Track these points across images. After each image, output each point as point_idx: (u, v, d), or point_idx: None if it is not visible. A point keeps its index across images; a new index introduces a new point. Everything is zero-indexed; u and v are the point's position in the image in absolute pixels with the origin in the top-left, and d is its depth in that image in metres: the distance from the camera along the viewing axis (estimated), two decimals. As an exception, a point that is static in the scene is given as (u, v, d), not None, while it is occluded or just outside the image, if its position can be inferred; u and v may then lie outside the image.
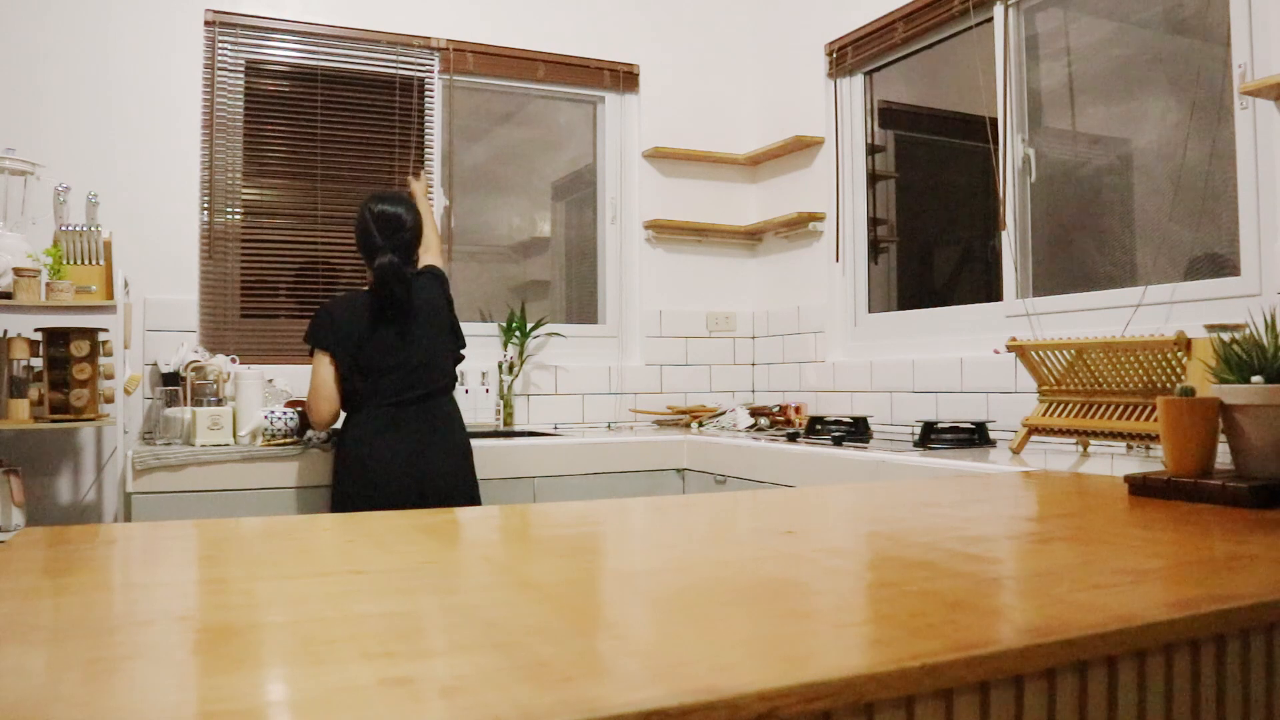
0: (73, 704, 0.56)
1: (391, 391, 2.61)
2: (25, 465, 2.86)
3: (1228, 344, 1.46)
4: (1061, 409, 2.13)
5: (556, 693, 0.57)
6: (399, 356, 2.64)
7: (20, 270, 2.59)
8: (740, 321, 4.15)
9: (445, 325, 2.76)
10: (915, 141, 3.77)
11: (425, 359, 2.67)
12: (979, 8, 3.07)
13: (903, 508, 1.41)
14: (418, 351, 2.66)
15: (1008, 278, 2.99)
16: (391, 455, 2.56)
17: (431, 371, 2.67)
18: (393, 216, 2.70)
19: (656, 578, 0.94)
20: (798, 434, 3.02)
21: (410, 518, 1.34)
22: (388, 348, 2.63)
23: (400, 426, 2.60)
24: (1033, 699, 0.70)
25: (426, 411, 2.64)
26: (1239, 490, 1.35)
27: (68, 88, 3.11)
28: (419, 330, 2.67)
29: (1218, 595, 0.82)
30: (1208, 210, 2.46)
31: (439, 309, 2.75)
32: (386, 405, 2.61)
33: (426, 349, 2.67)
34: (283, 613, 0.78)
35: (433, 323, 2.71)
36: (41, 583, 0.90)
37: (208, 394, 2.95)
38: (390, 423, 2.59)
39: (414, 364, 2.65)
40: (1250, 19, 2.29)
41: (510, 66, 3.77)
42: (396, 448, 2.57)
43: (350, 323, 2.63)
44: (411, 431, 2.60)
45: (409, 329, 2.66)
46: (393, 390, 2.62)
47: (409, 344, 2.65)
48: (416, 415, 2.62)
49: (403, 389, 2.62)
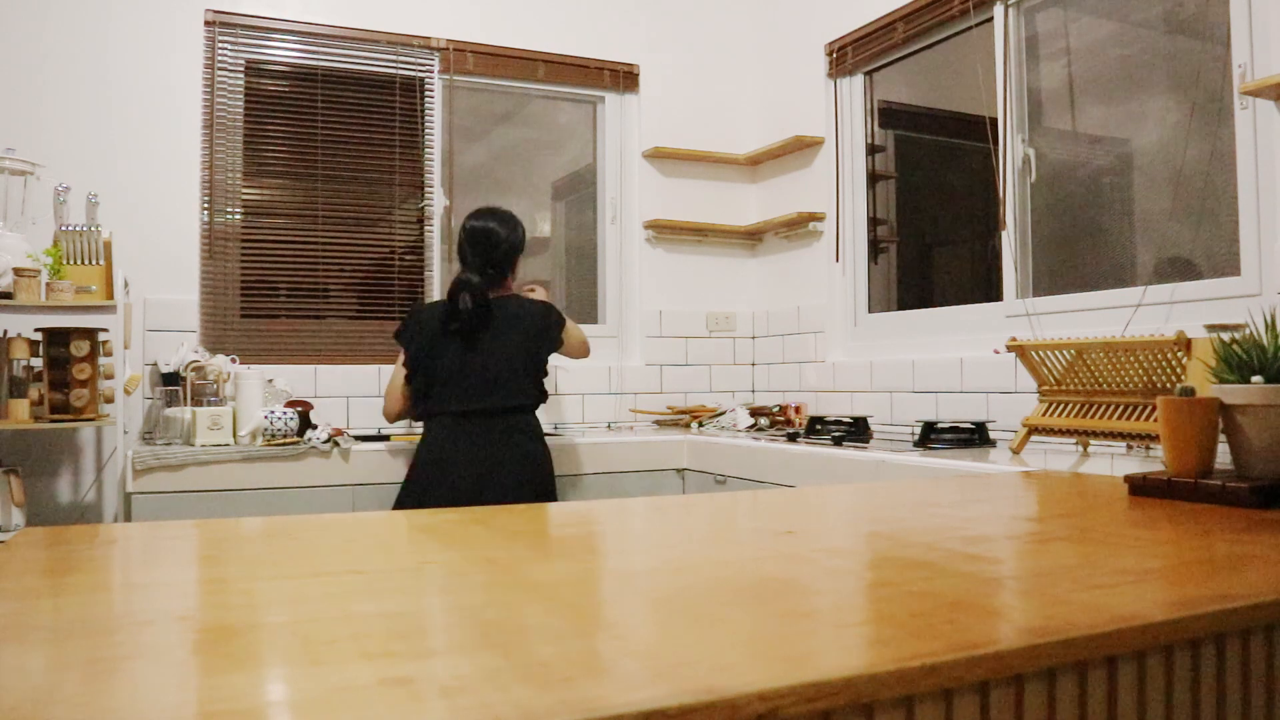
0: (73, 704, 0.56)
1: (456, 401, 2.62)
2: (25, 465, 2.86)
3: (1228, 344, 1.46)
4: (1061, 409, 2.13)
5: (556, 693, 0.57)
6: (461, 365, 2.63)
7: (20, 270, 2.59)
8: (740, 321, 4.15)
9: (526, 352, 2.67)
10: (915, 141, 3.77)
11: (495, 375, 2.62)
12: (979, 8, 3.07)
13: (903, 508, 1.41)
14: (489, 367, 2.62)
15: (1008, 278, 2.99)
16: (456, 468, 2.55)
17: (500, 388, 2.63)
18: (484, 232, 2.72)
19: (656, 578, 0.94)
20: (798, 434, 3.02)
21: (410, 518, 1.34)
22: (455, 358, 2.63)
23: (462, 441, 2.58)
24: (1033, 699, 0.70)
25: (491, 429, 2.60)
26: (1239, 490, 1.35)
27: (68, 88, 3.11)
28: (495, 347, 2.64)
29: (1218, 595, 0.82)
30: (1208, 210, 2.45)
31: (526, 335, 2.68)
32: (451, 415, 2.62)
33: (497, 366, 2.63)
34: (283, 613, 0.78)
35: (514, 343, 2.66)
36: (41, 583, 0.90)
37: (208, 394, 2.95)
38: (454, 432, 2.59)
39: (481, 378, 2.62)
40: (1250, 19, 2.29)
41: (510, 66, 3.77)
42: (459, 462, 2.55)
43: (427, 324, 2.68)
44: (475, 448, 2.57)
45: (480, 344, 2.63)
46: (457, 400, 2.62)
47: (479, 358, 2.63)
48: (480, 431, 2.59)
49: (468, 400, 2.61)
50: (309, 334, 3.45)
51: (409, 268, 3.62)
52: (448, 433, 2.60)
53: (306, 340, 3.44)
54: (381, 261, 3.59)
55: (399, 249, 3.62)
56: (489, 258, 2.71)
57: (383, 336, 3.54)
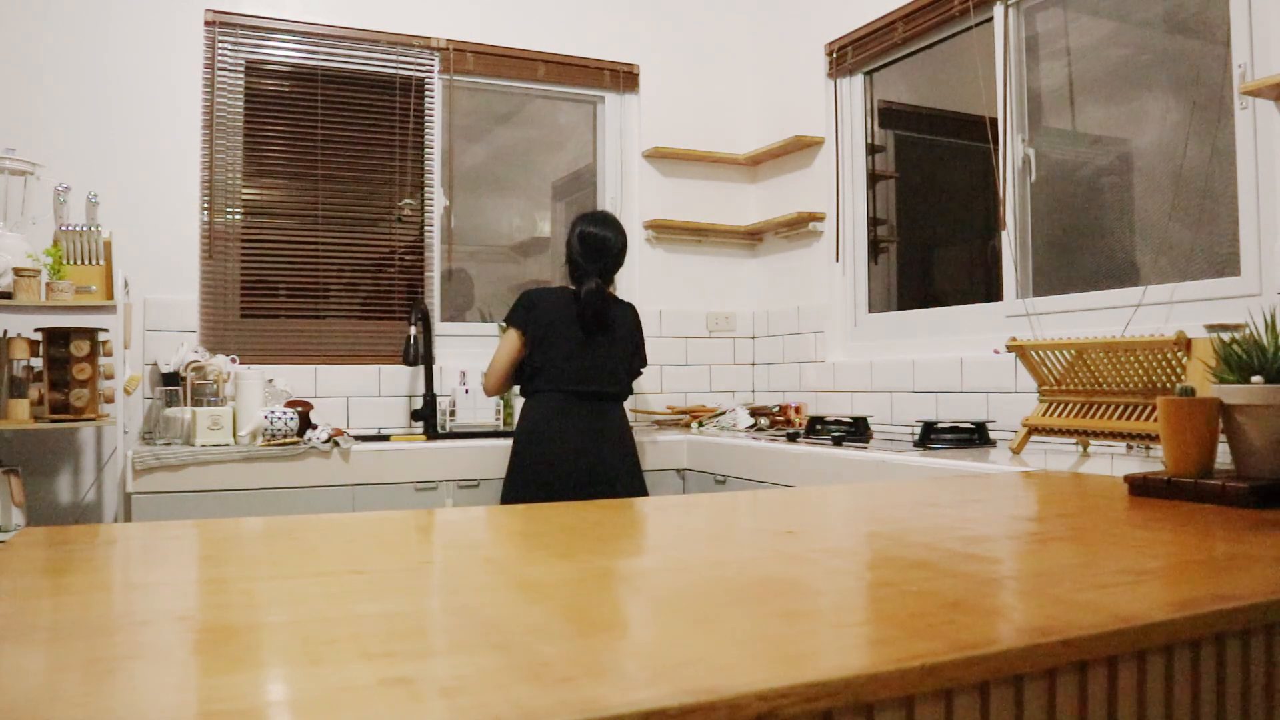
0: (73, 704, 0.56)
1: (567, 381, 2.82)
2: (25, 465, 2.86)
3: (1228, 344, 1.46)
4: (1061, 409, 2.13)
5: (556, 693, 0.57)
6: (580, 352, 2.85)
7: (20, 270, 2.59)
8: (740, 321, 4.15)
9: (630, 346, 2.97)
10: (915, 141, 3.76)
11: (603, 363, 2.87)
12: (979, 8, 3.07)
13: (903, 508, 1.41)
14: (598, 355, 2.87)
15: (1008, 278, 2.99)
16: (565, 438, 2.77)
17: (606, 375, 2.87)
18: (600, 240, 2.90)
19: (656, 578, 0.94)
20: (798, 434, 3.02)
21: (409, 518, 1.34)
22: (573, 342, 2.85)
23: (571, 415, 2.80)
24: (1033, 699, 0.70)
25: (598, 409, 2.84)
26: (1239, 490, 1.35)
27: (68, 88, 3.11)
28: (605, 339, 2.89)
29: (1218, 595, 0.82)
30: (1208, 210, 2.46)
31: (630, 332, 2.97)
32: (561, 392, 2.82)
33: (605, 356, 2.88)
34: (283, 613, 0.78)
35: (620, 339, 2.92)
36: (41, 583, 0.90)
37: (208, 394, 2.95)
38: (563, 409, 2.81)
39: (592, 364, 2.85)
40: (1250, 19, 2.29)
41: (510, 66, 3.77)
42: (569, 432, 2.78)
43: (548, 311, 2.86)
44: (583, 421, 2.80)
45: (596, 336, 2.87)
46: (568, 380, 2.82)
47: (592, 347, 2.86)
48: (588, 409, 2.82)
49: (578, 381, 2.83)
50: (309, 334, 3.45)
51: (409, 268, 3.62)
52: (557, 407, 2.81)
53: (306, 340, 3.44)
54: (381, 261, 3.59)
55: (399, 249, 3.62)
56: (606, 264, 2.91)
57: (383, 336, 3.54)
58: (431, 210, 3.65)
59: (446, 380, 3.55)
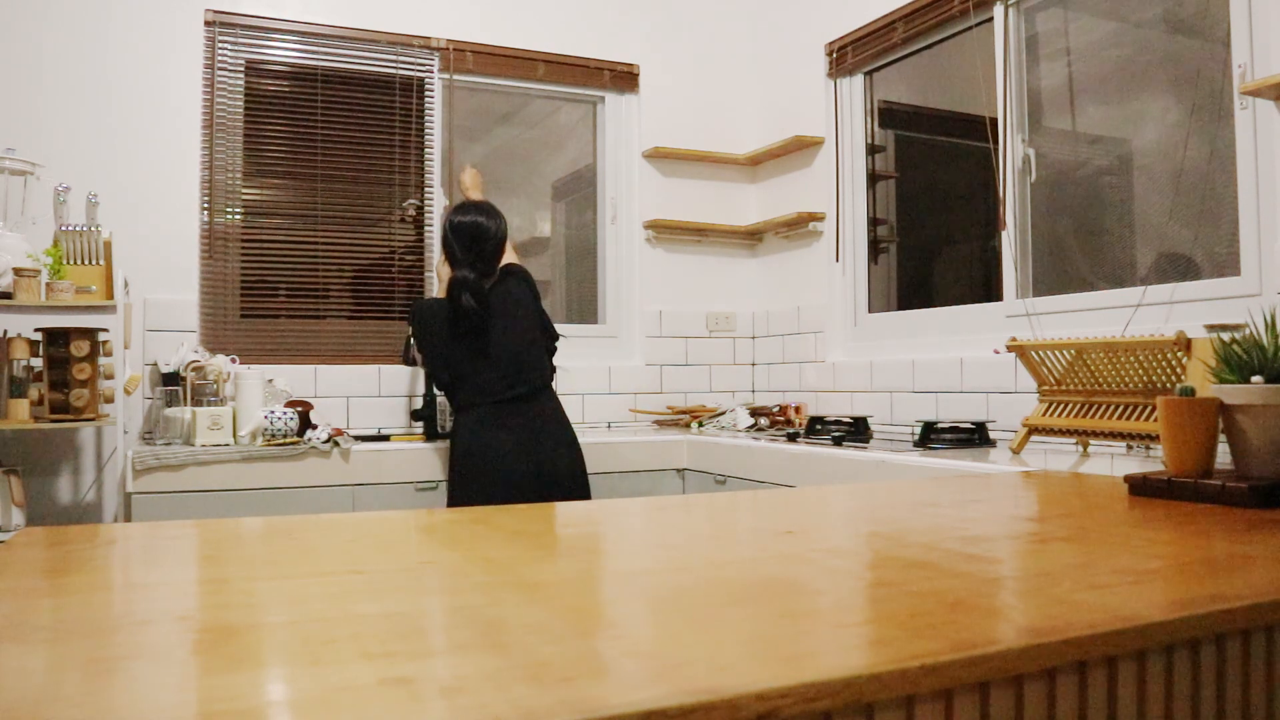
0: (73, 704, 0.56)
1: (490, 392, 2.70)
2: (25, 465, 2.86)
3: (1228, 344, 1.46)
4: (1061, 409, 2.13)
5: (556, 693, 0.57)
6: (488, 360, 2.71)
7: (20, 270, 2.59)
8: (740, 321, 4.15)
9: (535, 322, 2.80)
10: (915, 141, 3.76)
11: (516, 358, 2.73)
12: (979, 8, 3.07)
13: (903, 508, 1.41)
14: (507, 352, 2.72)
15: (1008, 278, 2.99)
16: (503, 448, 2.65)
17: (526, 370, 2.74)
18: (471, 226, 2.75)
19: (656, 578, 0.94)
20: (798, 434, 3.02)
21: (409, 518, 1.34)
22: (475, 353, 2.71)
23: (506, 423, 2.68)
24: (1033, 699, 0.70)
25: (530, 408, 2.72)
26: (1239, 490, 1.35)
27: (68, 88, 3.11)
28: (506, 331, 2.73)
29: (1218, 595, 0.82)
30: (1208, 210, 2.46)
31: (526, 306, 2.79)
32: (489, 404, 2.70)
33: (515, 349, 2.73)
34: (283, 613, 0.78)
35: (521, 321, 2.76)
36: (41, 583, 0.90)
37: (208, 394, 2.95)
38: (495, 421, 2.68)
39: (506, 365, 2.72)
40: (1250, 19, 2.29)
41: (510, 66, 3.77)
42: (506, 441, 2.65)
43: (434, 328, 2.75)
44: (518, 427, 2.68)
45: (493, 333, 2.72)
46: (491, 390, 2.70)
47: (497, 347, 2.72)
48: (521, 412, 2.70)
49: (502, 389, 2.71)
50: (309, 334, 3.45)
51: (409, 268, 3.62)
52: (484, 419, 2.68)
53: (306, 340, 3.44)
54: (381, 261, 3.59)
55: (399, 249, 3.62)
56: (480, 252, 2.75)
57: (382, 336, 3.54)
58: (431, 210, 3.65)
59: (446, 380, 3.55)
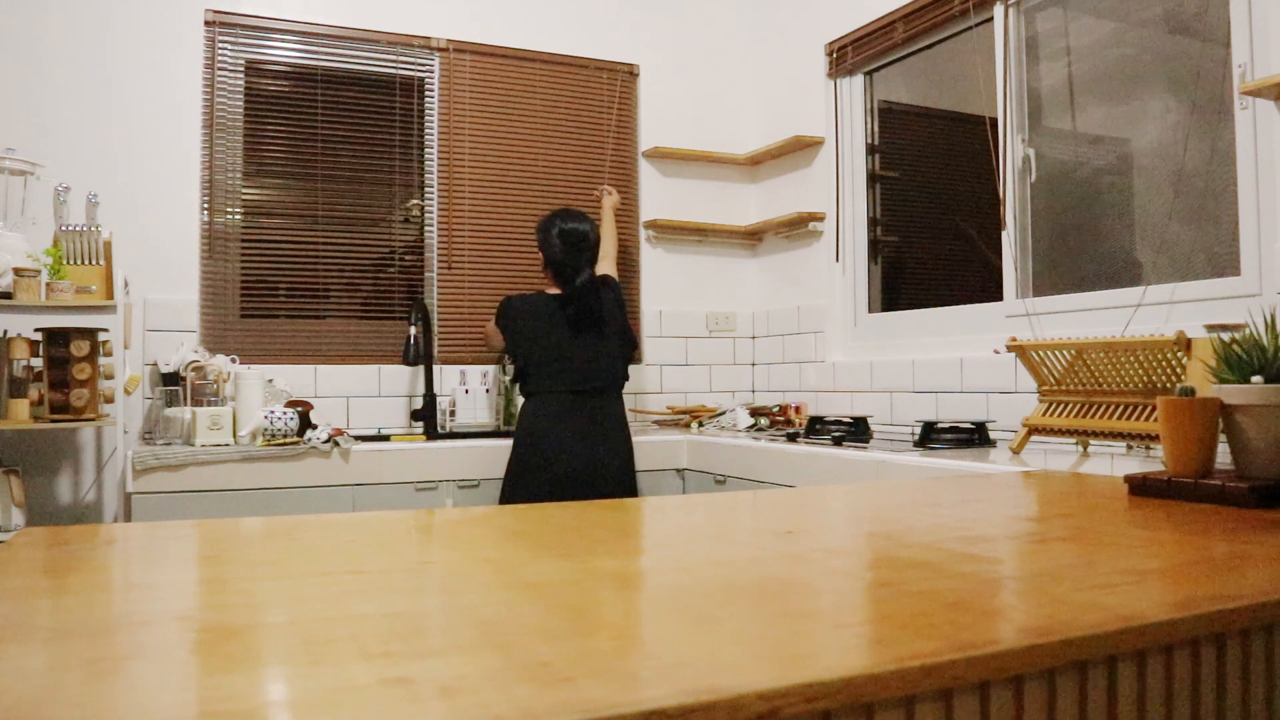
0: (73, 704, 0.56)
1: (565, 383, 2.92)
2: (25, 465, 2.86)
3: (1228, 344, 1.46)
4: (1061, 409, 2.13)
5: (556, 693, 0.57)
6: (569, 354, 2.94)
7: (20, 270, 2.59)
8: (740, 321, 4.15)
9: (618, 329, 3.04)
10: (915, 141, 3.76)
11: (596, 357, 2.96)
12: (979, 8, 3.07)
13: (903, 508, 1.41)
14: (588, 350, 2.96)
15: (1008, 278, 2.99)
16: (565, 438, 2.85)
17: (602, 369, 2.96)
18: (580, 234, 3.02)
19: (656, 578, 0.94)
20: (798, 434, 3.02)
21: (409, 518, 1.34)
22: (563, 346, 2.94)
23: (573, 415, 2.89)
24: (1033, 699, 0.70)
25: (597, 406, 2.93)
26: (1239, 490, 1.35)
27: (68, 88, 3.11)
28: (593, 332, 2.98)
29: (1218, 595, 0.82)
30: (1208, 210, 2.45)
31: (613, 314, 3.05)
32: (561, 393, 2.91)
33: (597, 349, 2.97)
34: (283, 613, 0.78)
35: (609, 325, 3.01)
36: (41, 583, 0.90)
37: (208, 394, 2.95)
38: (564, 410, 2.89)
39: (583, 360, 2.94)
40: (1250, 19, 2.29)
41: (511, 66, 3.77)
42: (569, 432, 2.86)
43: (527, 317, 2.97)
44: (583, 420, 2.89)
45: (584, 331, 2.96)
46: (566, 382, 2.92)
47: (580, 344, 2.95)
48: (588, 407, 2.92)
49: (576, 382, 2.92)
50: (309, 334, 3.45)
51: (409, 268, 3.62)
52: (554, 408, 2.89)
53: (306, 340, 3.44)
54: (381, 261, 3.59)
55: (399, 249, 3.62)
56: (589, 255, 3.03)
57: (382, 336, 3.54)
58: (431, 210, 3.65)
59: (446, 380, 3.55)
